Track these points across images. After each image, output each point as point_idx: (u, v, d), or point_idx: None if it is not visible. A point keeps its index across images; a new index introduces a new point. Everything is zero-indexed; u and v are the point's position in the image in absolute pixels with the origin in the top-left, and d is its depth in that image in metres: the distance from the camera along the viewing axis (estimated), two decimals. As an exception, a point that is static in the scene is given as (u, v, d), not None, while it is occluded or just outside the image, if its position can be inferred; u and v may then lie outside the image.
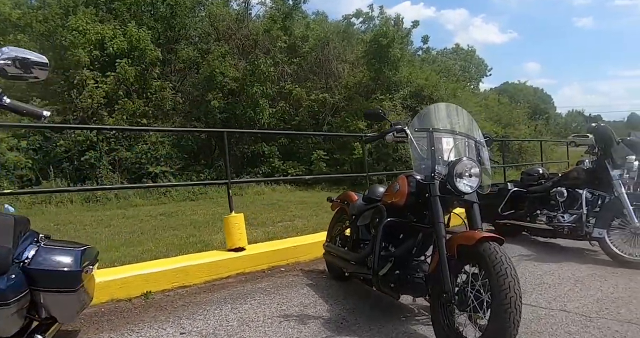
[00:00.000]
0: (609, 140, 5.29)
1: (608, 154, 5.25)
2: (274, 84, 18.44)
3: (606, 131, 5.35)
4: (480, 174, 2.97)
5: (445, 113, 3.32)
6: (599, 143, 5.40)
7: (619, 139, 7.38)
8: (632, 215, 4.94)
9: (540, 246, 6.07)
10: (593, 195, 5.46)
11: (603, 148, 5.34)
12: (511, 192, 6.38)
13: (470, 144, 3.22)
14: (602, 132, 5.37)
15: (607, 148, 5.27)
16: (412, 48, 25.81)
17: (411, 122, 3.28)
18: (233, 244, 4.94)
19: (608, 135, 5.31)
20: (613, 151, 5.23)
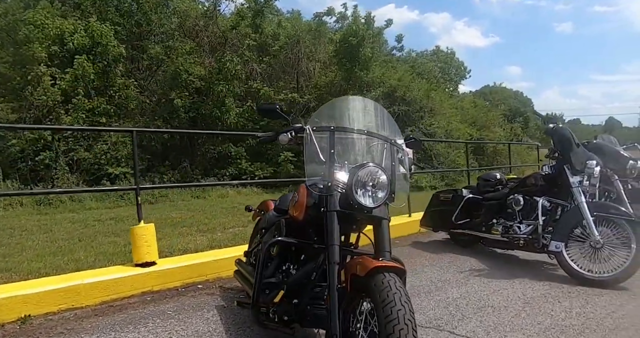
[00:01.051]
0: (567, 143, 4.73)
1: (567, 158, 4.69)
2: (242, 82, 17.82)
3: (565, 133, 4.80)
4: (389, 184, 2.38)
5: (355, 108, 2.74)
6: (557, 146, 4.86)
7: (585, 141, 6.91)
8: (592, 227, 4.39)
9: (496, 259, 5.52)
10: (551, 203, 4.91)
11: (561, 151, 4.79)
12: (465, 199, 5.84)
13: (384, 147, 2.64)
14: (560, 134, 4.81)
15: (566, 152, 4.72)
16: (387, 47, 25.23)
17: (310, 118, 2.69)
18: (140, 259, 4.32)
19: (567, 137, 4.76)
20: (572, 155, 4.67)
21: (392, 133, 2.71)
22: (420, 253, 5.86)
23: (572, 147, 4.68)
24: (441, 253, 5.77)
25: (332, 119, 2.64)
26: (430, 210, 6.40)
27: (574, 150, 4.68)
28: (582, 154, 4.70)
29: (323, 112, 2.72)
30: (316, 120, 2.63)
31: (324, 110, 2.73)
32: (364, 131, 2.56)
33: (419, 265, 5.19)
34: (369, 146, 2.64)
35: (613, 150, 6.47)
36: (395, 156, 2.66)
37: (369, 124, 2.70)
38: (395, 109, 17.92)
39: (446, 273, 4.83)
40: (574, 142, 4.72)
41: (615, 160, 6.37)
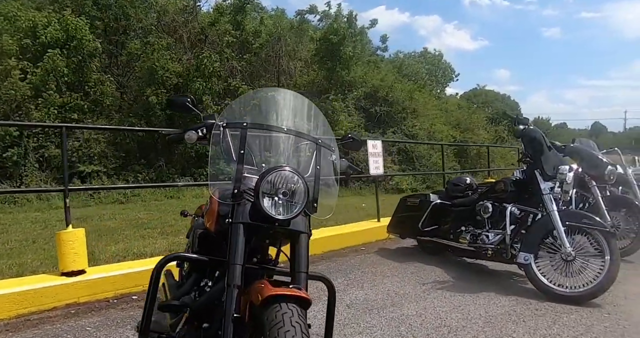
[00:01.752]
0: (538, 146, 4.38)
1: (538, 162, 4.34)
2: (221, 80, 17.38)
3: (535, 135, 4.43)
4: (307, 192, 1.98)
5: (277, 103, 2.35)
6: (527, 149, 4.50)
7: (562, 145, 6.57)
8: (562, 237, 4.04)
9: (463, 269, 5.17)
10: (522, 211, 4.56)
11: (532, 155, 4.43)
12: (433, 204, 5.47)
13: (309, 148, 2.25)
14: (530, 137, 4.45)
15: (537, 155, 4.36)
16: (372, 48, 24.88)
17: (221, 114, 2.30)
18: (66, 267, 3.91)
19: (538, 139, 4.40)
20: (544, 159, 4.32)
21: (324, 133, 2.32)
22: (384, 261, 5.50)
23: (544, 150, 4.33)
24: (406, 262, 5.41)
25: (254, 113, 2.25)
26: (397, 216, 6.04)
27: (546, 153, 4.33)
28: (554, 158, 4.35)
29: (234, 107, 2.33)
30: (226, 113, 2.24)
31: (234, 105, 2.34)
32: (283, 129, 2.16)
33: (379, 276, 4.82)
34: (296, 147, 2.25)
35: (591, 154, 6.14)
36: (326, 159, 2.27)
37: (299, 121, 2.31)
38: (377, 109, 17.59)
39: (407, 286, 4.46)
40: (546, 145, 4.37)
41: (594, 165, 6.05)
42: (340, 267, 5.21)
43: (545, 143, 4.37)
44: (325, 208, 2.17)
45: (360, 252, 6.04)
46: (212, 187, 2.20)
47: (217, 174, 2.22)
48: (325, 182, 2.23)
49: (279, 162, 2.15)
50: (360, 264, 5.34)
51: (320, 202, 2.11)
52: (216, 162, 2.21)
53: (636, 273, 4.92)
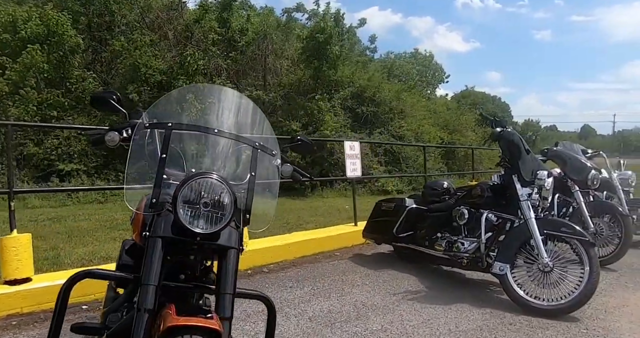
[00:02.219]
0: (515, 150, 4.16)
1: (515, 167, 4.12)
2: (206, 78, 17.09)
3: (513, 138, 4.21)
4: (234, 203, 1.72)
5: (216, 102, 2.11)
6: (504, 153, 4.28)
7: (545, 148, 6.37)
8: (540, 247, 3.82)
9: (439, 278, 4.94)
10: (499, 218, 4.33)
11: (509, 159, 4.21)
12: (408, 209, 5.24)
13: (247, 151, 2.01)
14: (507, 140, 4.23)
15: (514, 159, 4.14)
16: (361, 47, 24.63)
17: (147, 111, 2.05)
18: (9, 275, 3.65)
19: (515, 143, 4.17)
20: (521, 164, 4.10)
21: (265, 135, 2.07)
22: (357, 268, 5.26)
23: (521, 154, 4.11)
24: (380, 270, 5.17)
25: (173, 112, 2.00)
26: (372, 220, 5.81)
27: (523, 157, 4.10)
28: (532, 163, 4.13)
29: (160, 105, 2.08)
30: (147, 115, 2.00)
31: (161, 104, 2.09)
32: (213, 130, 1.91)
33: (348, 284, 4.59)
34: (234, 150, 2.00)
35: (574, 158, 5.94)
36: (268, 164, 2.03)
37: (239, 122, 2.07)
38: (363, 109, 17.34)
39: (376, 296, 4.22)
40: (524, 149, 4.14)
41: (577, 169, 5.86)
42: (310, 275, 4.97)
43: (524, 146, 4.14)
44: (261, 219, 1.92)
45: (334, 258, 5.80)
46: (129, 194, 1.93)
47: (139, 180, 1.97)
48: (263, 189, 1.98)
49: (210, 167, 1.90)
50: (331, 271, 5.10)
51: (255, 213, 1.86)
52: (138, 166, 1.95)
53: (618, 284, 4.71)
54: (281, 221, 8.74)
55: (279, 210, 10.68)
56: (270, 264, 5.38)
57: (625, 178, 7.21)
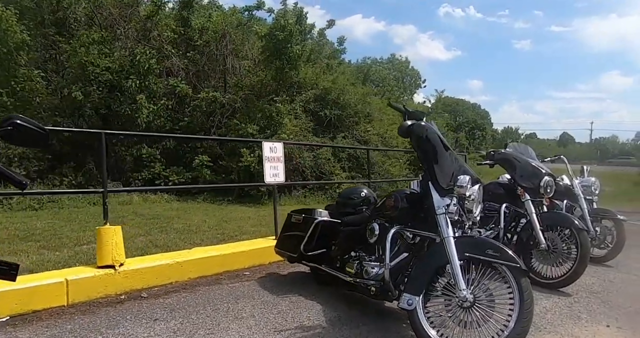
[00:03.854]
0: (430, 149, 3.23)
1: (430, 171, 3.20)
2: (162, 78, 16.13)
3: (426, 134, 3.24)
4: None
5: None
6: (418, 153, 3.37)
7: (491, 150, 5.50)
8: (457, 275, 2.91)
9: (350, 307, 4.00)
10: (415, 236, 3.42)
11: (423, 161, 3.29)
12: (316, 222, 4.31)
13: None
14: (418, 136, 3.28)
15: (429, 161, 3.22)
16: (329, 48, 23.75)
17: None
18: None
19: (430, 140, 3.23)
20: (438, 166, 3.18)
21: None
22: (257, 293, 4.32)
23: (438, 153, 3.18)
24: (284, 296, 4.25)
25: None
26: (283, 234, 4.87)
27: (441, 158, 3.18)
28: (452, 165, 3.20)
29: None
30: None
31: None
32: None
33: (230, 317, 3.65)
34: None
35: (525, 162, 5.09)
36: None
37: None
38: (327, 112, 16.44)
39: (255, 335, 3.28)
40: (442, 146, 3.22)
41: (528, 175, 5.02)
42: (195, 302, 4.02)
43: (443, 144, 3.22)
44: None
45: (241, 279, 4.86)
46: None
47: None
48: None
49: None
50: (224, 297, 4.17)
51: None
52: None
53: (570, 315, 3.84)
54: (215, 232, 7.83)
55: (218, 220, 9.72)
56: (155, 287, 4.44)
57: (587, 185, 6.39)
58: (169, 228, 8.49)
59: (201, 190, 14.81)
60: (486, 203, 5.26)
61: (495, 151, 5.34)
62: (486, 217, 5.26)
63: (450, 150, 3.22)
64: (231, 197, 14.65)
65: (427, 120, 3.44)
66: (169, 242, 6.88)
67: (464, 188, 3.02)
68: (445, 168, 3.12)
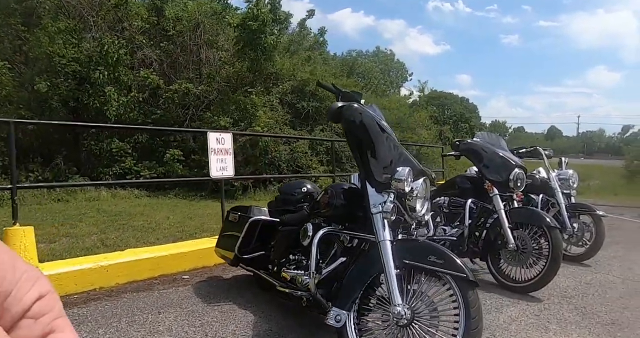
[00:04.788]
0: (363, 135, 2.70)
1: (365, 163, 2.68)
2: (134, 70, 15.54)
3: (358, 117, 2.69)
4: None
5: None
6: (349, 142, 2.84)
7: (456, 140, 5.03)
8: (392, 287, 2.41)
9: (287, 318, 3.51)
10: (352, 239, 2.92)
11: (355, 151, 2.77)
12: (251, 222, 3.79)
13: None
14: (349, 119, 2.73)
15: (361, 151, 2.71)
16: (310, 39, 23.18)
17: None
18: None
19: (363, 126, 2.69)
20: (373, 157, 2.67)
21: None
22: (186, 301, 3.81)
23: (373, 141, 2.67)
24: (217, 303, 3.75)
25: None
26: (222, 234, 4.35)
27: (378, 147, 2.67)
28: (390, 155, 2.70)
29: None
30: None
31: None
32: None
33: (144, 330, 3.14)
34: None
35: (493, 153, 4.60)
36: None
37: None
38: (304, 104, 15.91)
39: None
40: (379, 133, 2.71)
41: (496, 167, 4.53)
42: (109, 313, 3.51)
43: (381, 129, 2.71)
44: None
45: (176, 284, 4.36)
46: None
47: None
48: None
49: None
50: (146, 307, 3.66)
51: None
52: None
53: (537, 325, 3.35)
54: (175, 229, 7.34)
55: (183, 216, 9.21)
56: (74, 295, 3.92)
57: (565, 178, 5.92)
58: (127, 225, 7.99)
59: (173, 184, 14.31)
60: (452, 198, 4.81)
61: (460, 141, 4.86)
62: (452, 213, 4.81)
63: (390, 137, 2.71)
64: (204, 192, 14.15)
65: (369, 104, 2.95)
66: (121, 241, 6.40)
67: (403, 182, 2.52)
68: (382, 158, 2.61)
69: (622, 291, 4.35)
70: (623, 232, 7.73)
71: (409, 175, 2.53)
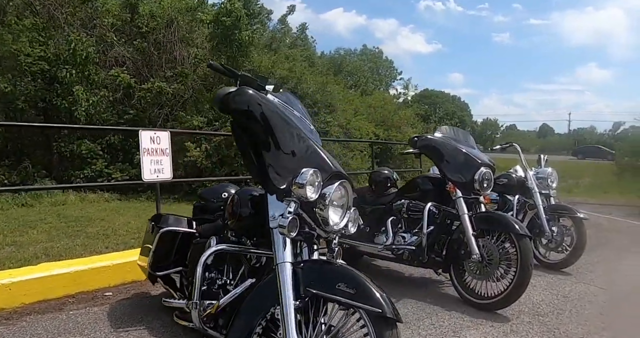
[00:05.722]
0: (260, 131, 2.09)
1: (261, 165, 2.09)
2: (104, 68, 14.94)
3: (252, 105, 2.12)
4: None
5: None
6: (234, 137, 2.24)
7: (415, 136, 4.50)
8: (288, 322, 1.83)
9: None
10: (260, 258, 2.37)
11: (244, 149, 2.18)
12: (161, 233, 3.21)
13: None
14: (239, 110, 2.07)
15: (256, 147, 2.11)
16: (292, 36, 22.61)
17: None
18: None
19: (257, 119, 2.11)
20: (273, 158, 2.09)
21: None
22: (92, 326, 3.27)
23: (271, 137, 2.09)
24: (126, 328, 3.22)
25: None
26: (143, 245, 3.77)
27: (278, 145, 2.09)
28: (293, 154, 2.10)
29: None
30: None
31: None
32: None
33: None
34: None
35: (455, 150, 4.05)
36: None
37: None
38: (284, 103, 15.32)
39: None
40: (281, 125, 2.12)
41: (459, 166, 3.98)
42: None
43: (286, 122, 2.14)
44: None
45: (93, 303, 3.80)
46: None
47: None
48: None
49: None
50: (41, 334, 3.10)
51: None
52: None
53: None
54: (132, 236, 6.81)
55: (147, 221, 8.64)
56: (-36, 320, 3.35)
57: (543, 177, 5.40)
58: (81, 232, 7.44)
59: (146, 187, 13.72)
60: (412, 202, 4.26)
61: (418, 136, 4.30)
62: (412, 219, 4.26)
63: (300, 133, 2.15)
64: (177, 194, 13.59)
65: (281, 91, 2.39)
66: (66, 250, 5.85)
67: (304, 188, 1.94)
68: (284, 158, 2.05)
69: (603, 305, 3.83)
70: (610, 234, 7.24)
71: (314, 178, 1.96)
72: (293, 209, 1.95)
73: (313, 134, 2.30)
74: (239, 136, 2.13)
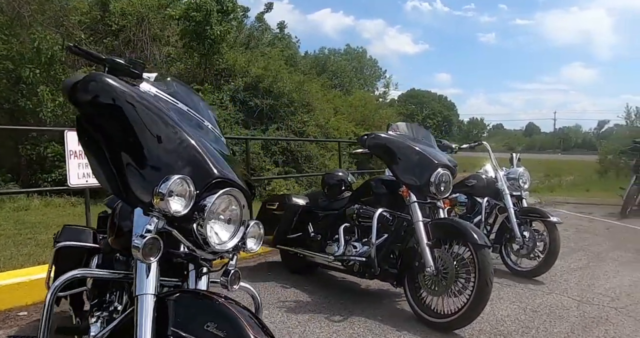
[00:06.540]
0: (119, 131, 1.65)
1: (122, 173, 1.65)
2: (73, 68, 14.40)
3: (111, 96, 1.64)
4: None
5: None
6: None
7: (364, 134, 4.09)
8: None
9: None
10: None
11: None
12: (58, 248, 2.75)
13: None
14: (87, 101, 1.65)
15: (116, 157, 1.67)
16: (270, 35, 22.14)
17: None
18: None
19: (114, 111, 1.64)
20: (138, 162, 1.64)
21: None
22: None
23: (133, 134, 1.63)
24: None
25: None
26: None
27: (142, 144, 1.63)
28: (164, 155, 1.65)
29: None
30: None
31: None
32: None
33: None
34: None
35: (408, 149, 3.62)
36: None
37: None
38: (257, 102, 14.87)
39: None
40: (150, 119, 1.65)
41: (413, 167, 3.54)
42: None
43: (160, 117, 1.69)
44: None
45: (3, 323, 3.34)
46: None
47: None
48: None
49: None
50: None
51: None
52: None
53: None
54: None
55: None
56: None
57: (514, 177, 5.00)
58: (32, 240, 6.99)
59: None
60: (363, 207, 3.83)
61: (368, 134, 3.87)
62: (364, 226, 3.83)
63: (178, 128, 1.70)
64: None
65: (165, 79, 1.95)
66: (9, 260, 5.40)
67: (166, 201, 1.49)
68: (149, 161, 1.61)
69: (575, 321, 3.43)
70: (589, 236, 6.87)
71: (181, 187, 1.52)
72: (153, 227, 1.51)
73: (203, 131, 1.86)
74: (83, 134, 1.68)
